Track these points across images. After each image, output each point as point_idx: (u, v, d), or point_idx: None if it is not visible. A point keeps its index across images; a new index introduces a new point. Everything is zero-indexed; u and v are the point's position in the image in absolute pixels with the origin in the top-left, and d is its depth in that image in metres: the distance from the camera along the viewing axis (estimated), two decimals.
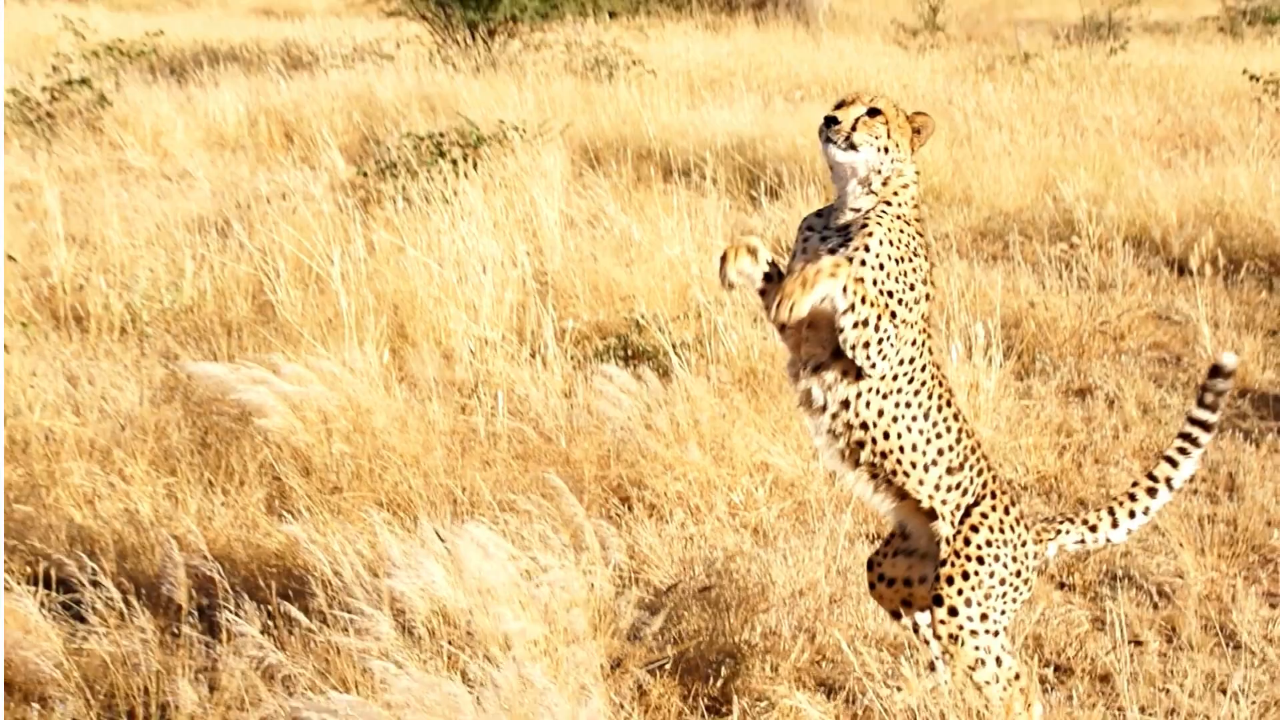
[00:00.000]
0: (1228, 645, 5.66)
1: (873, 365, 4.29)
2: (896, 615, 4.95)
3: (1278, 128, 13.92)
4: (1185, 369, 8.57)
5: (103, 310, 8.85)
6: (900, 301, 4.31)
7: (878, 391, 4.39)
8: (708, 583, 5.78)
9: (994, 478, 4.72)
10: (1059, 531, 4.82)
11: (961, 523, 4.65)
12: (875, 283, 4.26)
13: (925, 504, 4.59)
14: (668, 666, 5.27)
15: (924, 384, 4.46)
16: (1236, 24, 23.19)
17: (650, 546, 6.07)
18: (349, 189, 11.50)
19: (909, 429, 4.46)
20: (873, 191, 4.39)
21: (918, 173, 4.47)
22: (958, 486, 4.59)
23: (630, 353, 8.13)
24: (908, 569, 4.85)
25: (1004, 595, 4.65)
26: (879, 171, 4.36)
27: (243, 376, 7.06)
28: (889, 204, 4.38)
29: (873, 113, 4.32)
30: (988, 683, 4.60)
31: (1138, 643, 5.63)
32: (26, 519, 6.28)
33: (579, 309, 8.97)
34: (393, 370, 7.87)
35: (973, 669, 4.59)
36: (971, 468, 4.62)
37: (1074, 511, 5.27)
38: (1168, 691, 5.30)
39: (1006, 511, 4.68)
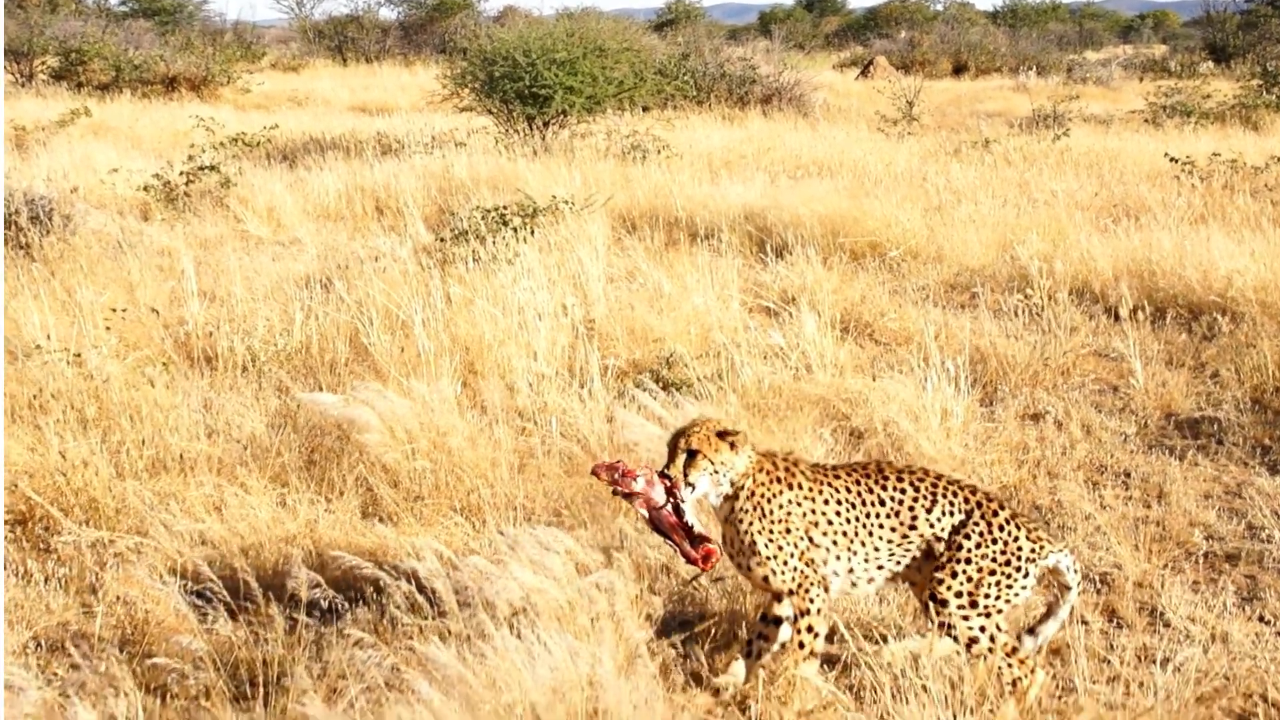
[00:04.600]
0: (1159, 624, 5.63)
1: (839, 588, 4.99)
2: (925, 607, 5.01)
3: (1193, 201, 13.88)
4: (1120, 397, 8.53)
5: (228, 352, 8.90)
6: (802, 552, 4.89)
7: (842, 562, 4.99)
8: (722, 574, 5.77)
9: (973, 491, 4.96)
10: (1060, 550, 4.96)
11: (955, 533, 4.87)
12: (787, 568, 4.88)
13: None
14: (697, 640, 5.29)
15: (871, 532, 4.94)
16: (1159, 116, 23.13)
17: None
18: (429, 252, 11.55)
19: (878, 556, 4.97)
20: (724, 491, 4.98)
21: (751, 450, 5.01)
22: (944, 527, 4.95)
23: (661, 384, 8.13)
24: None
25: (996, 583, 4.80)
26: (719, 483, 4.95)
27: (349, 401, 7.13)
28: (744, 488, 4.96)
29: (691, 455, 4.90)
30: (982, 656, 4.77)
31: (1084, 622, 5.60)
32: (166, 523, 6.31)
33: (619, 349, 8.99)
34: (465, 400, 7.90)
35: (968, 645, 4.78)
36: (945, 512, 4.91)
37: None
38: (1109, 662, 5.27)
39: (995, 514, 4.87)
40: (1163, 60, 41.17)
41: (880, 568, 4.96)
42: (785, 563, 4.88)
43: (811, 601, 4.88)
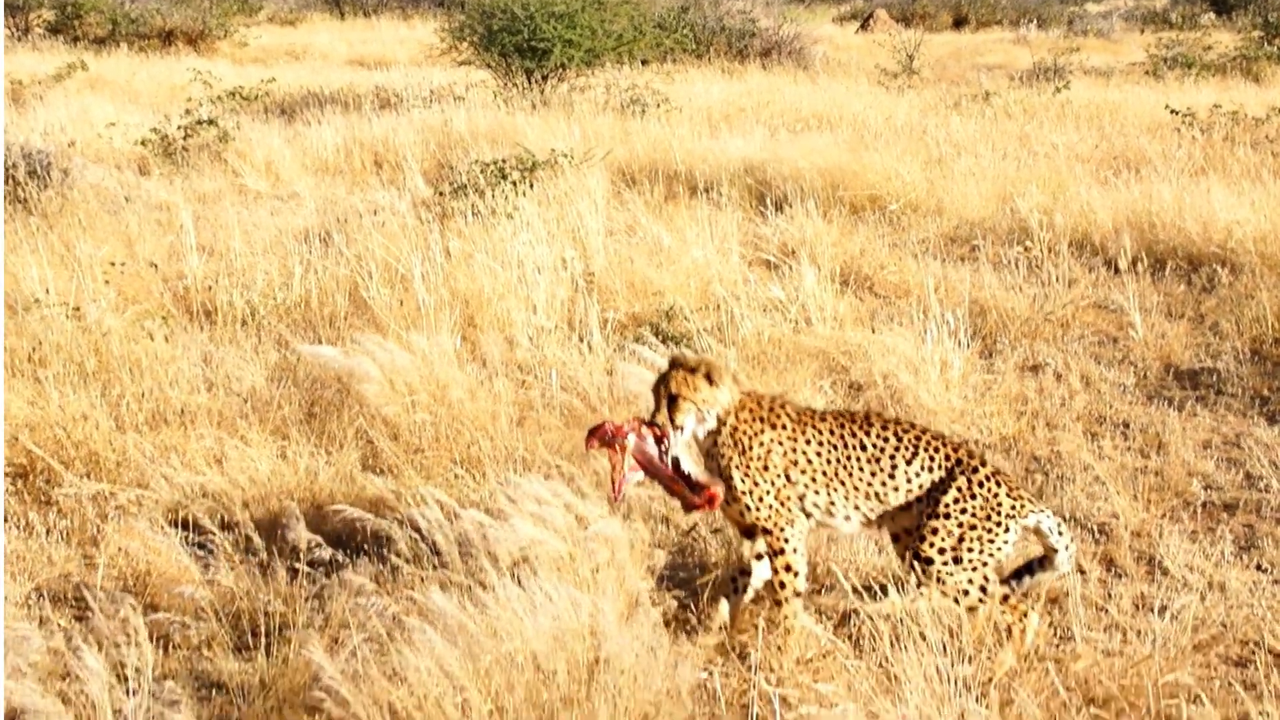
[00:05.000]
0: (1157, 573, 5.65)
1: (816, 519, 5.04)
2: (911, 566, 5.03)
3: (1194, 152, 13.81)
4: (1120, 349, 8.53)
5: (228, 306, 8.89)
6: (779, 490, 4.94)
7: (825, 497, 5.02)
8: (721, 526, 5.78)
9: (955, 448, 4.99)
10: (1041, 510, 4.95)
11: (936, 489, 4.90)
12: (763, 505, 4.93)
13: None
14: (698, 591, 5.31)
15: (850, 473, 4.96)
16: (1159, 68, 22.96)
17: None
18: (428, 206, 11.51)
19: (855, 495, 4.99)
20: (709, 426, 5.00)
21: (733, 384, 5.04)
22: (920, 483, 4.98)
23: (661, 338, 8.12)
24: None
25: (978, 538, 4.82)
26: (704, 419, 4.97)
27: (350, 352, 7.13)
28: (727, 423, 4.99)
29: (672, 399, 4.93)
30: (973, 607, 4.80)
31: (1082, 572, 5.61)
32: (167, 476, 6.31)
33: (618, 302, 8.98)
34: (464, 353, 7.90)
35: (959, 599, 4.81)
36: (924, 467, 4.94)
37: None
38: (1107, 611, 5.29)
39: (975, 471, 4.89)
40: (1164, 12, 40.86)
41: (857, 508, 4.98)
42: (761, 499, 4.92)
43: (787, 541, 4.92)
